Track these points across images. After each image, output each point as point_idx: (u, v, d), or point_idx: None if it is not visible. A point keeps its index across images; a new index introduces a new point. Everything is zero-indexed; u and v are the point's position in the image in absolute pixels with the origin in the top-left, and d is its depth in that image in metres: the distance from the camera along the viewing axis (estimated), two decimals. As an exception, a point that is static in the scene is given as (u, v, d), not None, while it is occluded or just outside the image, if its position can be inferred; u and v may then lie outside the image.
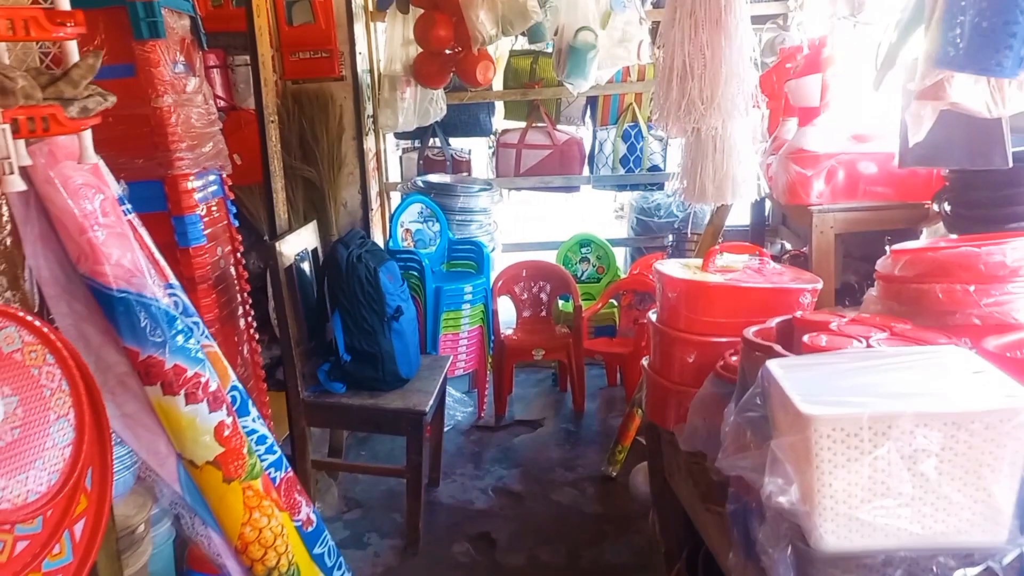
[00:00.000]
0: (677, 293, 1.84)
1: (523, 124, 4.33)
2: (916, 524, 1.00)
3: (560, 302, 4.04)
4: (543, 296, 4.01)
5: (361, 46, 3.81)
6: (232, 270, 2.66)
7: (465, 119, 4.29)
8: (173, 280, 1.55)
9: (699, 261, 1.94)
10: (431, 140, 4.38)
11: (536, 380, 4.24)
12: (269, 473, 1.64)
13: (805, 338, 1.29)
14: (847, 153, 2.06)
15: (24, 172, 1.22)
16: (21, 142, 1.17)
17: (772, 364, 1.14)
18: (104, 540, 1.50)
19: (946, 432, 0.97)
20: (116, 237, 1.39)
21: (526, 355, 3.76)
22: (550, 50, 3.89)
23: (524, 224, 7.13)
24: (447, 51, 3.59)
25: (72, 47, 1.30)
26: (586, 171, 4.33)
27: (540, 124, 4.29)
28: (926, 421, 0.97)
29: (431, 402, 2.64)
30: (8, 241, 1.34)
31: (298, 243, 2.70)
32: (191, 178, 2.37)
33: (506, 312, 3.97)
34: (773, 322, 1.45)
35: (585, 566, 2.64)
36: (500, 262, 4.13)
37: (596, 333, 4.08)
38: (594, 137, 4.35)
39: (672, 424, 1.84)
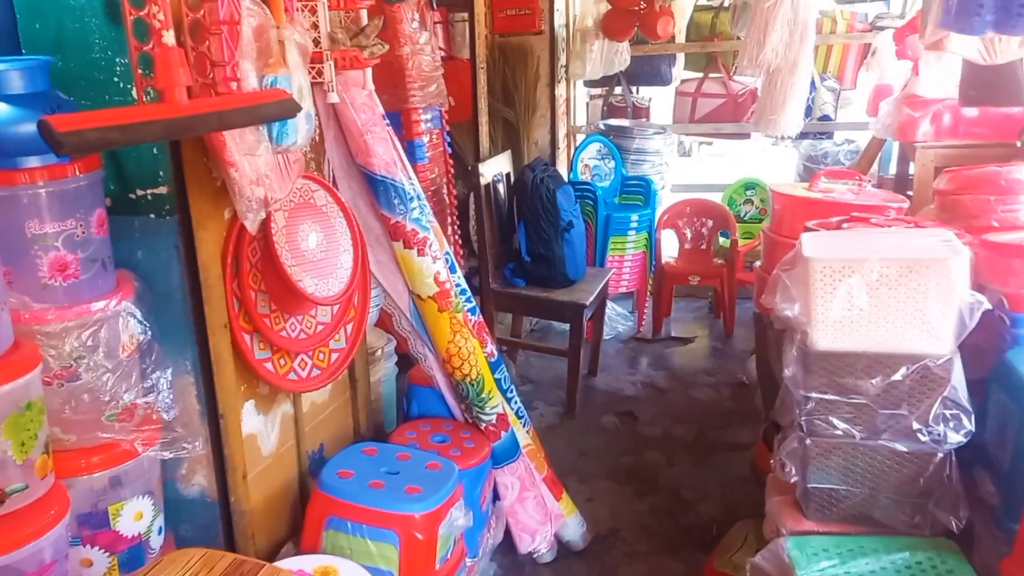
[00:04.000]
0: (782, 205, 2.32)
1: (701, 75, 4.75)
2: (878, 333, 1.49)
3: (720, 238, 4.48)
4: (704, 231, 4.47)
5: (559, 3, 4.40)
6: (444, 188, 3.42)
7: (647, 69, 4.80)
8: (412, 174, 2.27)
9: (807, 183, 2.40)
10: (616, 88, 4.93)
11: (694, 307, 4.75)
12: (468, 313, 2.35)
13: (844, 225, 1.76)
14: (953, 98, 2.39)
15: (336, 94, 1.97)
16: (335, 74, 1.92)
17: (805, 234, 1.66)
18: (360, 346, 2.30)
19: (901, 272, 1.45)
20: (380, 141, 2.13)
21: (683, 280, 4.28)
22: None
23: (717, 171, 7.46)
24: (633, 8, 4.12)
25: (364, 12, 2.04)
26: (758, 119, 4.68)
27: (716, 75, 4.69)
28: (887, 264, 1.45)
29: (591, 299, 3.27)
30: (318, 138, 2.12)
31: (495, 167, 3.41)
32: (419, 111, 3.14)
33: (671, 245, 4.49)
34: (835, 219, 1.92)
35: (709, 441, 3.19)
36: (670, 200, 4.64)
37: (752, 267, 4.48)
38: (767, 87, 4.68)
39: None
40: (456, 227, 3.48)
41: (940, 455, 1.52)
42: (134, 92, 1.56)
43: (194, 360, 1.77)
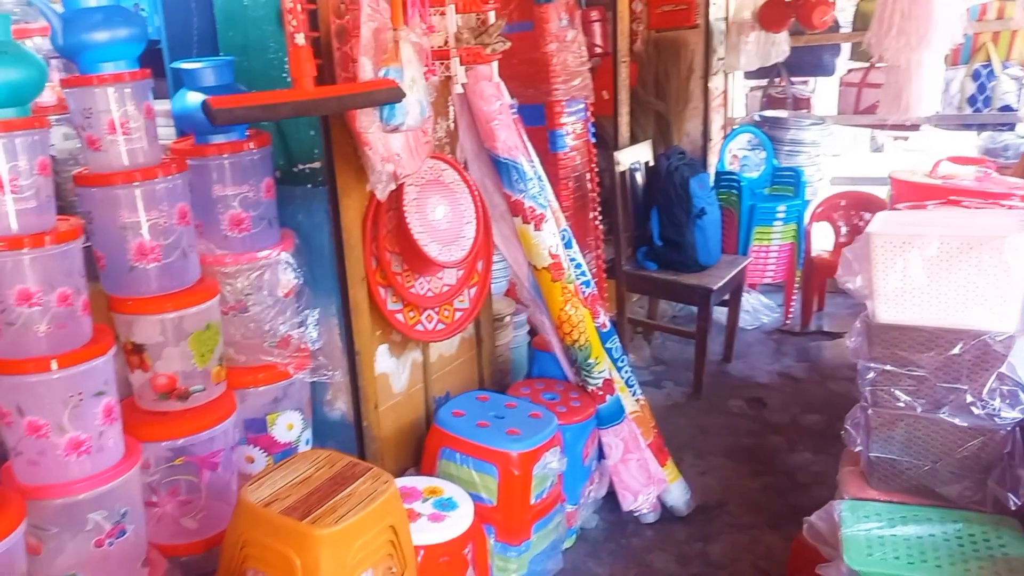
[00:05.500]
0: (898, 191, 2.34)
1: (867, 64, 4.60)
2: (937, 308, 1.54)
3: (880, 232, 4.34)
4: (860, 224, 4.34)
5: (716, -3, 4.47)
6: (587, 175, 3.64)
7: (809, 59, 4.72)
8: (534, 158, 2.52)
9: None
10: (776, 79, 4.90)
11: (852, 303, 4.57)
12: (580, 286, 2.57)
13: (929, 205, 1.80)
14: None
15: (462, 86, 2.27)
16: (462, 68, 2.21)
17: (880, 212, 1.72)
18: (484, 307, 2.59)
19: (960, 248, 1.50)
20: (505, 127, 2.40)
21: (834, 274, 4.19)
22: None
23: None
24: (788, -1, 4.11)
25: (491, 14, 2.32)
26: (929, 110, 4.46)
27: (883, 64, 4.52)
28: (946, 240, 1.51)
29: (720, 284, 3.36)
30: (453, 126, 2.44)
31: (633, 155, 3.59)
32: (563, 103, 3.39)
33: (825, 238, 4.40)
34: (930, 203, 1.93)
35: (838, 431, 3.11)
36: (828, 193, 4.55)
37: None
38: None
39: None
40: (598, 212, 3.68)
41: (1002, 432, 1.55)
42: (297, 85, 1.94)
43: (338, 305, 2.14)
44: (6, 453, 1.55)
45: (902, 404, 1.62)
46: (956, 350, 1.52)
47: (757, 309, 4.32)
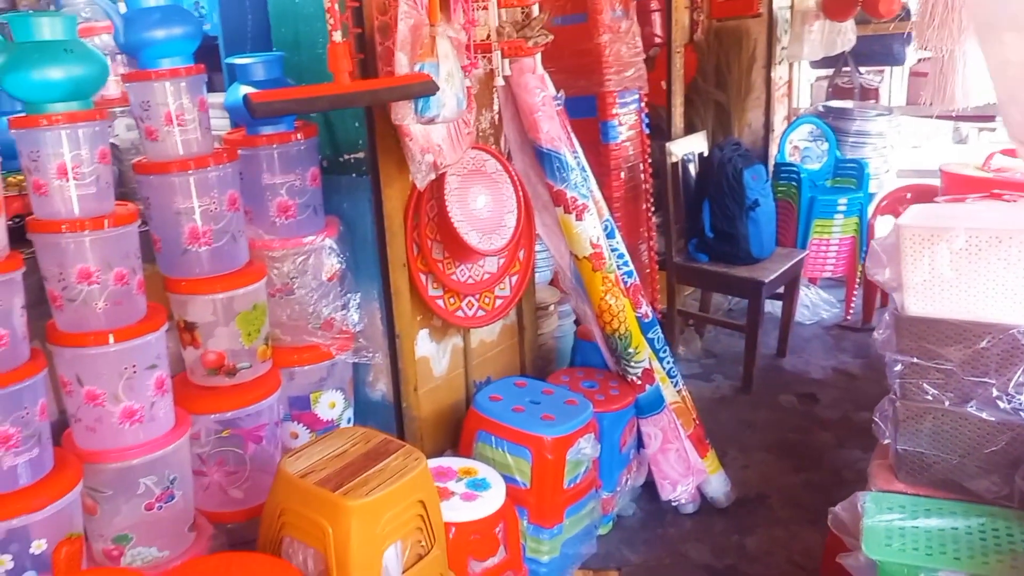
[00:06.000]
0: (947, 184, 2.28)
1: (940, 52, 4.44)
2: (965, 301, 1.52)
3: (948, 226, 4.19)
4: (928, 218, 4.21)
5: (779, -15, 4.39)
6: (640, 166, 3.64)
7: (878, 49, 4.59)
8: (578, 149, 2.55)
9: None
10: (843, 69, 4.77)
11: (917, 301, 4.48)
12: (622, 277, 2.59)
13: (969, 198, 1.75)
14: None
15: (505, 78, 2.32)
16: (506, 61, 2.27)
17: (915, 205, 1.70)
18: (526, 295, 2.64)
19: (989, 241, 1.47)
20: (548, 118, 2.44)
21: (897, 269, 4.08)
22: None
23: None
24: (854, -14, 4.00)
25: (536, 7, 2.36)
26: (1006, 99, 4.29)
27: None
28: (974, 233, 1.48)
29: (772, 277, 3.32)
30: (497, 118, 2.49)
31: (687, 145, 3.57)
32: (615, 94, 3.39)
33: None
34: (970, 196, 1.88)
35: (885, 429, 3.11)
36: (895, 185, 4.42)
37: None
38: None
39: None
40: (650, 201, 3.68)
41: (1031, 427, 1.51)
42: (342, 78, 2.02)
43: (380, 290, 2.23)
44: (67, 420, 1.68)
45: (930, 397, 1.59)
46: (983, 344, 1.49)
47: (816, 304, 4.24)
